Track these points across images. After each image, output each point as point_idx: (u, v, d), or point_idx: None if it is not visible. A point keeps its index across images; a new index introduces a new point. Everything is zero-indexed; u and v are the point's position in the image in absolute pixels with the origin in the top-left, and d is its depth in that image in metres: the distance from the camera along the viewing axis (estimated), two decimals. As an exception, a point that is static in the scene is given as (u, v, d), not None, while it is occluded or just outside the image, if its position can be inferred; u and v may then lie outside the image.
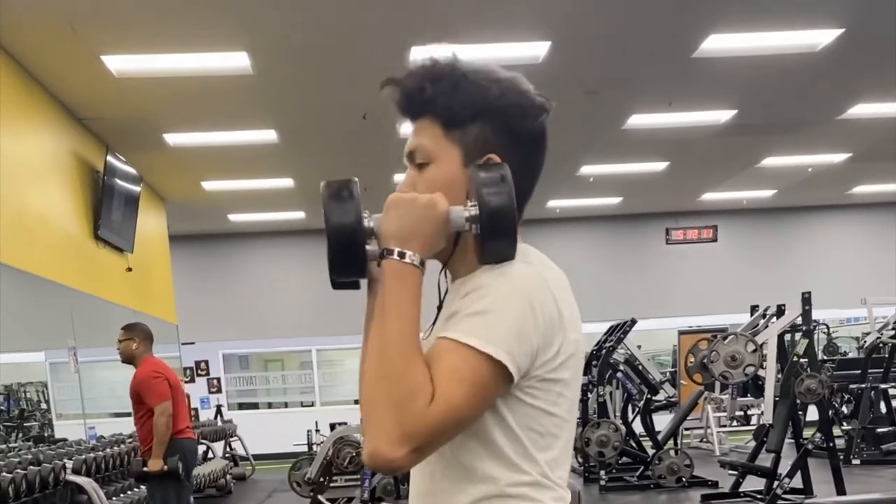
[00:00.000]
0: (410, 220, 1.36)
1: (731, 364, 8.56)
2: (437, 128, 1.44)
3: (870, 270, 15.30)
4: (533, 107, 1.48)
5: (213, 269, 16.07)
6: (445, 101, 1.42)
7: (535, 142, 1.50)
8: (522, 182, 1.44)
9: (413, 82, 1.45)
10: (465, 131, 1.43)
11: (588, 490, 9.95)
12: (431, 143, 1.44)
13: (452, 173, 1.43)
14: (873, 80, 9.38)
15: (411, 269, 1.36)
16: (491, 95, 1.43)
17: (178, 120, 9.57)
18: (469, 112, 1.42)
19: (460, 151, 1.43)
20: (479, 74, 1.44)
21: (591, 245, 16.74)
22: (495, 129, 1.43)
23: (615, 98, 9.57)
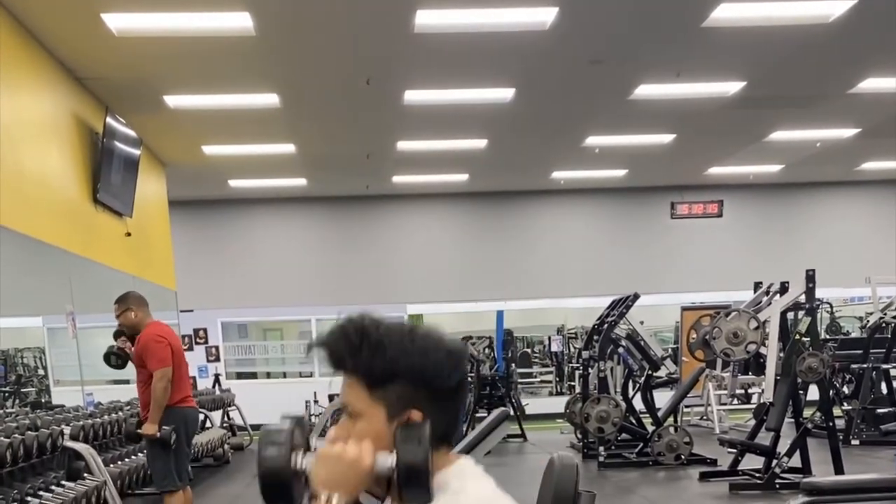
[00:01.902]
0: (336, 472, 1.49)
1: (733, 341, 8.48)
2: (361, 388, 1.54)
3: (875, 249, 15.18)
4: (447, 362, 1.55)
5: (213, 235, 15.99)
6: (365, 368, 1.53)
7: (453, 392, 1.58)
8: (445, 423, 1.57)
9: (336, 354, 1.55)
10: (386, 390, 1.53)
11: (587, 466, 9.89)
12: (357, 401, 1.55)
13: (378, 428, 1.53)
14: (885, 53, 9.24)
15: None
16: (407, 360, 1.52)
17: (179, 81, 9.44)
18: (388, 374, 1.52)
19: (384, 408, 1.53)
20: (395, 338, 1.53)
21: (595, 217, 16.64)
22: (414, 386, 1.53)
23: (622, 68, 9.43)
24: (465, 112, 10.82)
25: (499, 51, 8.73)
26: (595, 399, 9.85)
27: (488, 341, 15.72)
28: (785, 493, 7.65)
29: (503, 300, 16.55)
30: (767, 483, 8.14)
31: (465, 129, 11.78)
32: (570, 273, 16.23)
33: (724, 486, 8.42)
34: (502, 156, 13.29)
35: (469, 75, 9.57)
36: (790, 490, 7.44)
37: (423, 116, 10.85)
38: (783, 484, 8.02)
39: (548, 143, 12.81)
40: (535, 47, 8.64)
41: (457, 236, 16.50)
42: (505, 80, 9.75)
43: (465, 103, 10.44)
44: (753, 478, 8.45)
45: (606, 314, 10.86)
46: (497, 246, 16.39)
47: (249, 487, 9.59)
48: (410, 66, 9.14)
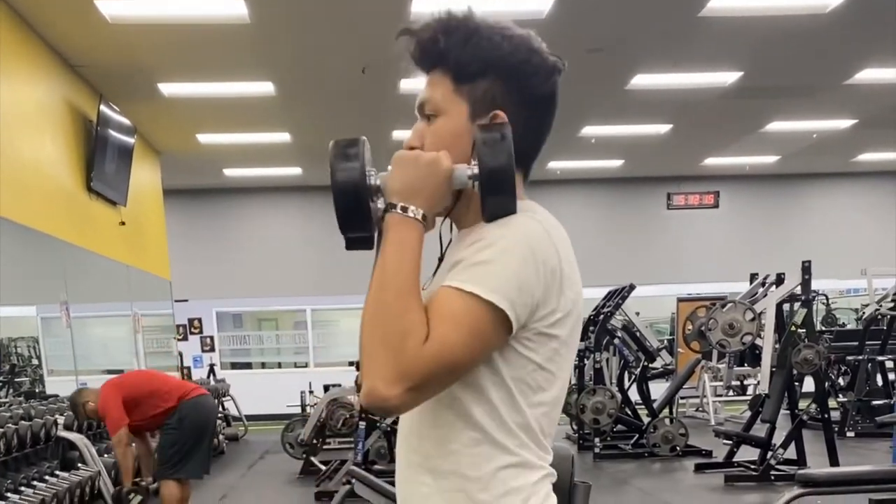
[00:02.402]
0: (414, 177, 1.40)
1: (729, 332, 8.47)
2: (447, 81, 1.46)
3: (872, 240, 15.18)
4: (544, 66, 1.49)
5: (208, 224, 15.94)
6: (457, 55, 1.44)
7: (544, 102, 1.51)
8: (529, 140, 1.50)
9: (427, 34, 1.46)
10: (474, 86, 1.44)
11: (582, 457, 9.87)
12: (441, 96, 1.46)
13: (459, 127, 1.44)
14: (882, 44, 9.20)
15: (413, 222, 1.40)
16: (502, 51, 1.44)
17: (173, 69, 9.40)
18: (479, 67, 1.43)
19: (468, 106, 1.45)
20: (492, 30, 1.45)
21: (591, 208, 16.61)
22: (504, 85, 1.45)
23: (619, 57, 9.40)
24: (460, 102, 10.75)
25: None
26: (591, 390, 9.83)
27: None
28: (780, 484, 7.65)
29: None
30: (763, 474, 8.13)
31: (461, 119, 11.72)
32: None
33: (720, 477, 8.40)
34: (498, 145, 13.21)
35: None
36: (785, 482, 7.43)
37: (418, 106, 10.78)
38: (778, 475, 8.01)
39: (544, 134, 12.75)
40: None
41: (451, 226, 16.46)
42: (501, 68, 9.69)
43: (461, 93, 10.37)
44: (749, 469, 8.43)
45: (602, 305, 10.83)
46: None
47: (244, 478, 9.58)
48: (406, 55, 9.06)
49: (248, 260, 15.89)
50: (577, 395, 10.08)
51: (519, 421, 1.43)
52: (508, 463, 1.44)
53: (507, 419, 1.42)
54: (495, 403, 1.41)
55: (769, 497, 6.68)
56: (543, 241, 1.39)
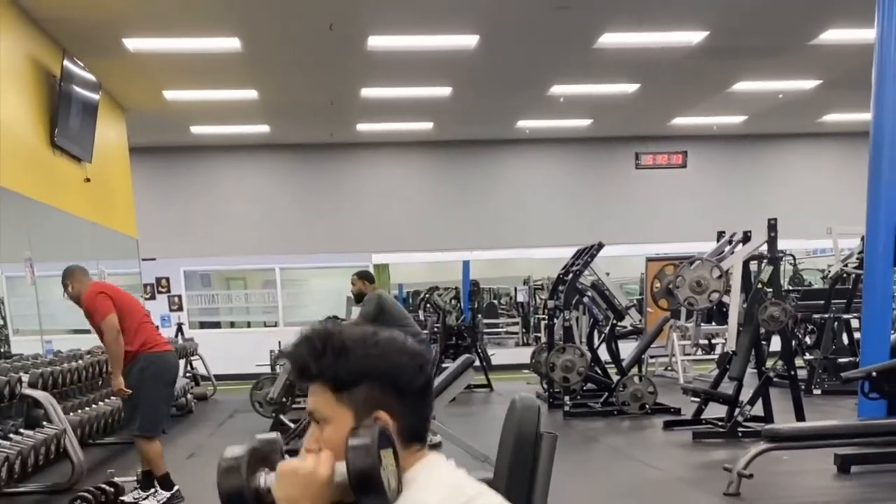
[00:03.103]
0: (295, 487, 1.48)
1: (697, 290, 8.53)
2: (328, 392, 1.54)
3: (837, 201, 15.28)
4: (412, 363, 1.57)
5: (175, 182, 15.79)
6: (331, 373, 1.53)
7: (419, 391, 1.59)
8: (415, 422, 1.59)
9: (300, 360, 1.56)
10: (352, 393, 1.53)
11: (552, 416, 9.95)
12: (325, 406, 1.55)
13: (345, 433, 1.51)
14: (846, 4, 9.27)
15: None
16: (372, 360, 1.54)
17: (138, 24, 9.26)
18: (353, 378, 1.53)
19: (351, 412, 1.53)
20: (358, 343, 1.55)
21: (560, 167, 16.62)
22: (381, 387, 1.54)
23: (586, 15, 9.39)
24: (429, 59, 10.71)
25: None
26: (560, 349, 9.88)
27: (454, 292, 15.74)
28: (747, 440, 7.72)
29: (468, 250, 16.52)
30: (730, 431, 8.22)
31: (430, 77, 11.69)
32: (535, 223, 16.24)
33: (688, 434, 8.48)
34: (467, 104, 13.20)
35: (433, 22, 9.48)
36: (752, 438, 7.53)
37: (386, 63, 10.72)
38: (745, 432, 8.11)
39: (512, 92, 12.74)
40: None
41: (422, 186, 16.43)
42: (469, 26, 9.66)
43: (429, 50, 10.35)
44: (716, 426, 8.52)
45: (571, 264, 10.87)
46: (462, 196, 16.34)
47: (213, 437, 9.57)
48: (373, 10, 9.01)
49: (216, 219, 15.78)
50: (546, 353, 10.14)
51: None
52: None
53: None
54: None
55: (737, 453, 6.75)
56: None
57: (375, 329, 1.60)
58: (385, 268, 17.35)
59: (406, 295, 18.19)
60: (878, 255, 7.37)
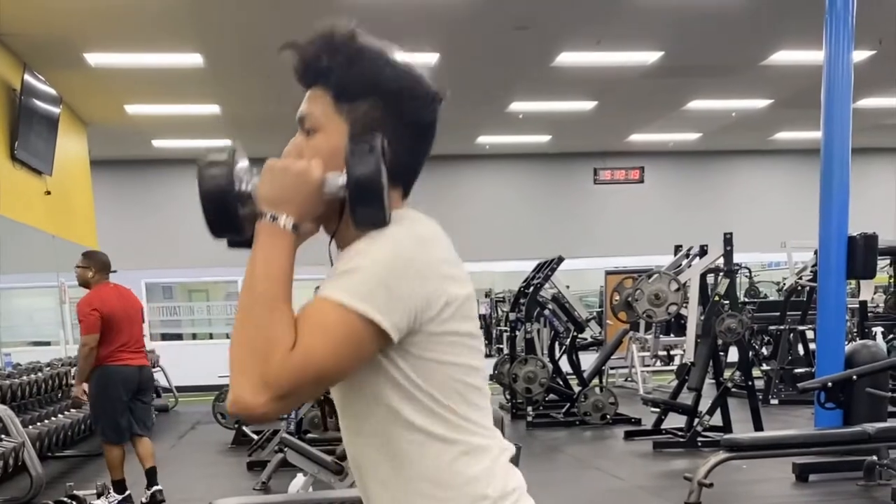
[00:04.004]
0: (283, 186, 1.39)
1: (655, 302, 8.66)
2: (328, 98, 1.45)
3: (790, 215, 15.60)
4: (425, 94, 1.48)
5: (137, 195, 15.72)
6: (339, 74, 1.43)
7: (423, 128, 1.50)
8: (406, 161, 1.49)
9: (311, 51, 1.46)
10: (354, 106, 1.44)
11: (515, 426, 10.06)
12: (321, 112, 1.46)
13: (337, 145, 1.42)
14: (795, 27, 9.50)
15: (282, 231, 1.39)
16: (384, 76, 1.45)
17: (100, 39, 9.26)
18: (360, 88, 1.43)
19: (347, 125, 1.44)
20: (375, 54, 1.45)
21: (521, 182, 16.78)
22: (384, 109, 1.44)
23: (545, 34, 9.55)
24: (390, 76, 10.78)
25: (423, 16, 8.80)
26: (522, 360, 9.99)
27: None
28: (707, 450, 7.86)
29: (429, 263, 16.63)
30: (690, 441, 8.36)
31: (392, 93, 11.74)
32: (495, 237, 16.34)
33: (649, 444, 8.61)
34: (428, 120, 13.26)
35: (393, 40, 9.42)
36: (712, 447, 7.60)
37: (348, 79, 10.77)
38: (705, 441, 8.25)
39: (472, 108, 12.83)
40: (459, 13, 8.72)
41: (383, 200, 16.49)
42: (429, 45, 9.76)
43: (391, 67, 10.41)
44: (676, 436, 8.66)
45: (532, 277, 10.99)
46: (423, 209, 16.33)
47: (174, 448, 9.54)
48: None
49: (178, 231, 15.65)
50: (509, 364, 10.23)
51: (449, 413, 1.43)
52: (458, 452, 1.43)
53: (439, 414, 1.42)
54: (422, 404, 1.41)
55: (696, 462, 6.86)
56: (415, 248, 1.39)
57: (397, 50, 1.49)
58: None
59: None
60: (831, 268, 7.57)
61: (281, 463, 7.09)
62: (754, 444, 6.66)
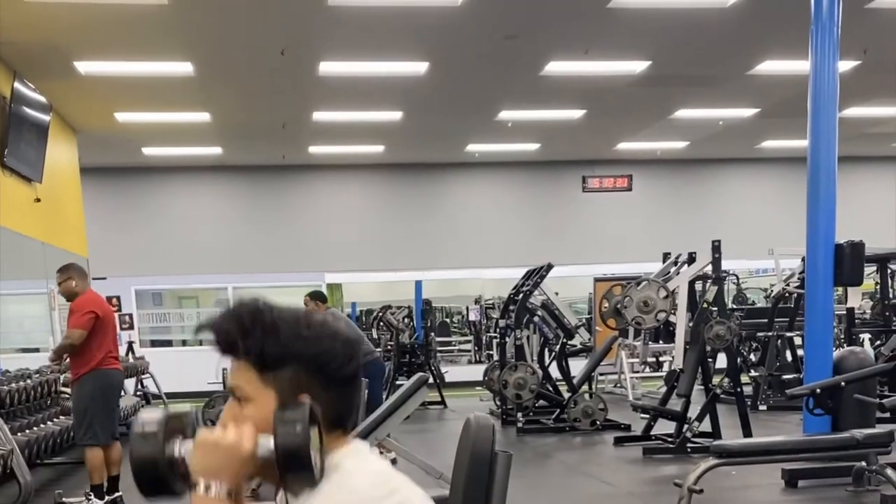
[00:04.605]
0: (215, 459, 1.42)
1: (644, 309, 8.68)
2: (252, 371, 1.48)
3: (777, 223, 15.65)
4: (343, 351, 1.51)
5: (127, 202, 15.70)
6: (257, 351, 1.47)
7: (347, 380, 1.53)
8: (340, 410, 1.52)
9: (225, 335, 1.49)
10: (277, 374, 1.47)
11: (506, 432, 10.07)
12: (247, 385, 1.49)
13: (267, 413, 1.45)
14: (781, 36, 9.59)
15: (217, 501, 1.42)
16: (301, 343, 1.48)
17: (90, 47, 9.26)
18: (280, 359, 1.47)
19: (275, 392, 1.47)
20: (289, 323, 1.49)
21: (510, 190, 16.83)
22: (307, 372, 1.48)
23: (533, 44, 9.61)
24: (380, 84, 10.86)
25: (412, 25, 8.85)
26: (512, 367, 10.02)
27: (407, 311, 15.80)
28: (696, 456, 7.83)
29: (421, 270, 16.63)
30: (679, 447, 8.39)
31: (381, 102, 11.81)
32: (485, 244, 16.39)
33: (638, 450, 8.63)
34: (417, 128, 13.35)
35: (383, 49, 9.61)
36: (701, 453, 7.59)
37: (338, 88, 10.83)
38: (694, 448, 8.27)
39: (462, 117, 12.91)
40: (448, 22, 8.76)
41: (374, 207, 16.51)
42: (419, 53, 9.82)
43: (380, 76, 10.50)
44: (666, 442, 8.69)
45: (521, 284, 11.03)
46: (414, 217, 16.45)
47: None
48: (324, 37, 9.11)
49: (167, 238, 15.71)
50: (499, 371, 10.26)
51: None
52: None
53: None
54: None
55: (686, 468, 6.89)
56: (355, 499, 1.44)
57: (307, 312, 1.54)
58: (338, 287, 17.44)
59: (359, 313, 18.25)
60: (819, 275, 7.61)
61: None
62: (744, 451, 6.69)
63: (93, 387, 6.53)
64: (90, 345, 6.49)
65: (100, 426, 6.56)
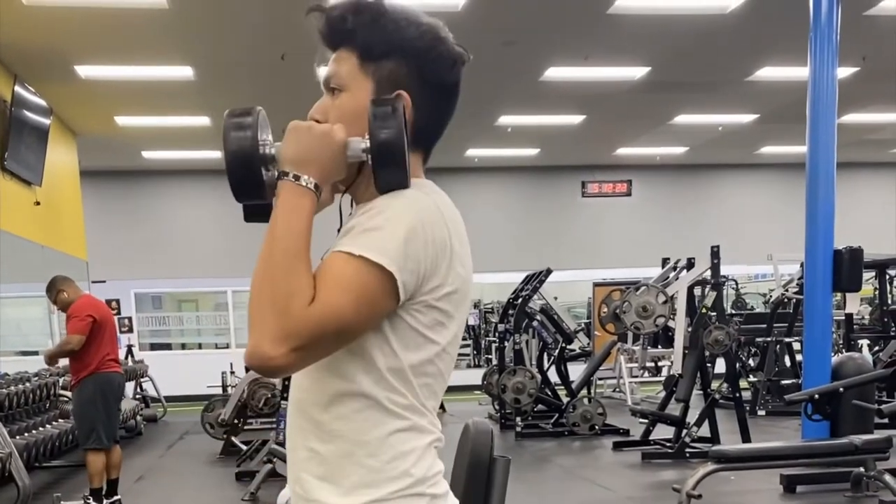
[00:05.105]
0: (307, 146, 1.41)
1: (643, 314, 8.71)
2: (353, 59, 1.48)
3: (776, 228, 15.69)
4: (449, 54, 1.51)
5: (127, 206, 15.69)
6: (364, 34, 1.46)
7: (447, 88, 1.53)
8: (429, 123, 1.52)
9: (336, 12, 1.49)
10: (379, 66, 1.46)
11: (504, 436, 10.08)
12: (346, 72, 1.48)
13: (361, 104, 1.45)
14: (780, 43, 9.63)
15: (305, 190, 1.41)
16: (408, 35, 1.47)
17: (91, 52, 9.28)
18: (385, 48, 1.46)
19: (372, 84, 1.47)
20: (400, 14, 1.48)
21: (509, 195, 16.84)
22: (409, 68, 1.47)
23: (533, 50, 9.64)
24: (381, 89, 10.85)
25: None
26: (511, 371, 10.03)
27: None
28: (695, 461, 7.90)
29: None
30: (678, 452, 8.39)
31: (381, 106, 11.78)
32: (484, 249, 16.30)
33: (637, 454, 8.64)
34: (418, 132, 13.33)
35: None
36: (700, 458, 7.66)
37: (339, 93, 10.82)
38: (693, 452, 8.29)
39: (461, 122, 12.65)
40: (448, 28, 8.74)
41: (373, 211, 16.51)
42: (419, 58, 9.82)
43: (381, 81, 10.48)
44: (664, 447, 8.69)
45: (521, 289, 11.04)
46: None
47: (163, 458, 9.54)
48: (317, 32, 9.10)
49: (167, 242, 15.72)
50: (498, 375, 10.27)
51: (408, 388, 1.45)
52: (398, 428, 1.45)
53: (397, 386, 1.44)
54: (383, 372, 1.43)
55: (684, 473, 6.92)
56: (434, 215, 1.42)
57: (421, 12, 1.51)
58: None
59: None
60: (818, 280, 7.63)
61: (270, 473, 7.12)
62: (742, 456, 6.70)
63: (93, 390, 6.54)
64: (89, 348, 6.51)
65: (103, 429, 6.56)
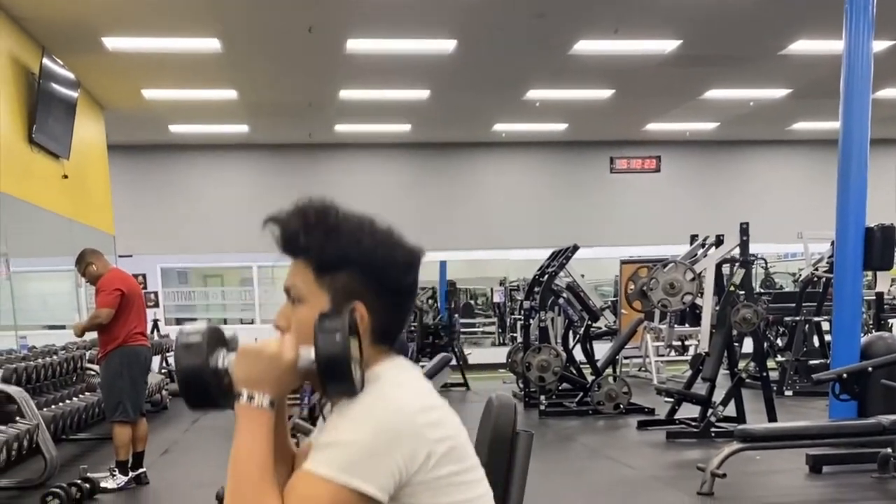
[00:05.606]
0: (258, 370, 1.44)
1: (670, 292, 8.63)
2: (309, 271, 1.49)
3: (806, 206, 15.49)
4: (404, 259, 1.53)
5: (154, 180, 15.75)
6: (317, 250, 1.48)
7: (404, 289, 1.55)
8: (389, 323, 1.53)
9: (288, 229, 1.51)
10: (334, 278, 1.48)
11: (528, 414, 10.04)
12: (303, 285, 1.50)
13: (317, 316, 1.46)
14: (814, 15, 9.45)
15: (260, 411, 1.44)
16: (363, 248, 1.48)
17: (118, 23, 9.27)
18: (338, 262, 1.48)
19: (328, 296, 1.48)
20: (352, 226, 1.50)
21: (536, 171, 16.75)
22: (365, 277, 1.48)
23: (563, 22, 9.52)
24: (407, 62, 10.80)
25: (440, 2, 8.82)
26: (536, 349, 9.98)
27: (431, 292, 15.79)
28: (720, 440, 7.82)
29: (445, 251, 16.61)
30: (703, 431, 8.33)
31: (408, 80, 11.76)
32: (510, 225, 16.33)
33: (662, 434, 8.60)
34: (444, 107, 13.30)
35: (411, 26, 9.57)
36: (725, 438, 7.60)
37: (365, 66, 10.79)
38: (718, 432, 8.22)
39: (489, 96, 12.84)
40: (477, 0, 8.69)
41: (399, 186, 16.45)
42: (447, 31, 9.77)
43: (408, 54, 10.44)
44: (689, 426, 8.64)
45: (547, 265, 10.97)
46: (439, 197, 16.40)
47: (187, 433, 9.58)
48: (352, 14, 9.09)
49: (193, 216, 15.76)
50: (522, 353, 10.22)
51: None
52: None
53: None
54: None
55: (710, 452, 6.87)
56: (390, 413, 1.42)
57: (373, 218, 1.53)
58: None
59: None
60: (848, 259, 7.53)
61: (294, 448, 7.13)
62: (768, 435, 6.66)
63: (120, 363, 6.58)
64: (117, 322, 6.55)
65: (129, 402, 6.60)
